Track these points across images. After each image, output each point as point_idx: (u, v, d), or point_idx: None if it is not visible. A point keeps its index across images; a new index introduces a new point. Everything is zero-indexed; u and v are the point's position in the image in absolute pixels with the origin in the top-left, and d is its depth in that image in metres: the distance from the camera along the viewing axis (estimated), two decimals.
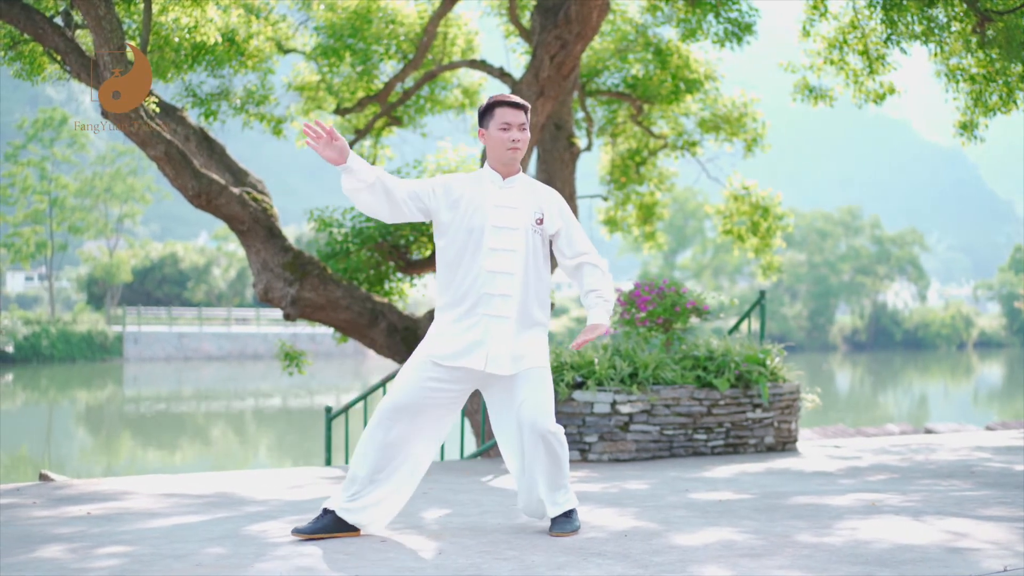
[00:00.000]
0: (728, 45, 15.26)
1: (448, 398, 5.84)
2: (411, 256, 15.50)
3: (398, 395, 5.78)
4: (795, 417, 10.79)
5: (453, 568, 5.17)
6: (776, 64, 15.03)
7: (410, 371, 5.83)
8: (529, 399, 5.70)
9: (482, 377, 5.79)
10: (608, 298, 5.94)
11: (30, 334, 59.70)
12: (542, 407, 5.71)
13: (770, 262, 17.56)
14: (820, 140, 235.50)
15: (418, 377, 5.79)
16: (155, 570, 5.16)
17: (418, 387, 5.77)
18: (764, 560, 5.29)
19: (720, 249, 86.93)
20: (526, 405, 5.69)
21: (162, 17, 13.70)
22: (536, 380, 5.76)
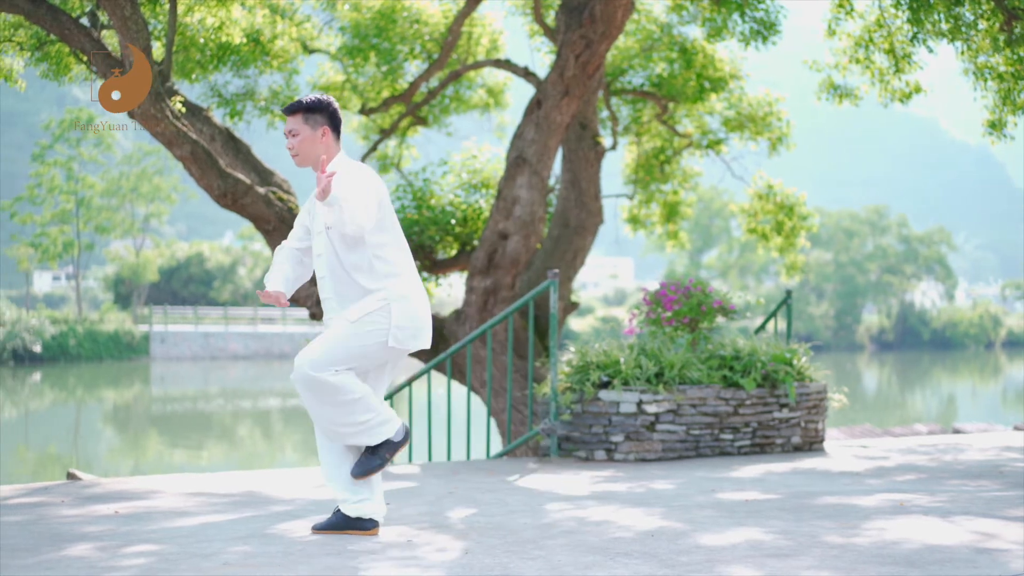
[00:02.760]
0: (753, 44, 15.21)
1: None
2: (436, 256, 15.51)
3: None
4: (822, 417, 10.75)
5: (479, 568, 5.17)
6: (801, 63, 14.97)
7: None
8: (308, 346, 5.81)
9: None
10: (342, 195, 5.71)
11: (57, 333, 59.96)
12: (307, 350, 5.71)
13: (794, 261, 17.51)
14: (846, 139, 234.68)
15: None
16: (182, 569, 5.17)
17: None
18: (791, 560, 5.27)
19: (746, 248, 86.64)
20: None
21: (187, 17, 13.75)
22: (328, 331, 5.80)
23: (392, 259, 5.81)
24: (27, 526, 6.41)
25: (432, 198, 15.84)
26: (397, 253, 5.86)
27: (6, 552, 5.59)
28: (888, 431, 18.81)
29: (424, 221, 15.29)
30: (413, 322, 5.80)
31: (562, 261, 14.38)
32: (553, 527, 6.26)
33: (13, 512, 6.96)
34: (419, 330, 5.84)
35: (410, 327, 5.79)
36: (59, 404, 43.00)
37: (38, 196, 65.10)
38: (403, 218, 15.44)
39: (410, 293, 5.82)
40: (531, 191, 13.30)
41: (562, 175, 15.08)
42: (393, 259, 5.82)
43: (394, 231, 5.88)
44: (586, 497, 7.52)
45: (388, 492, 7.86)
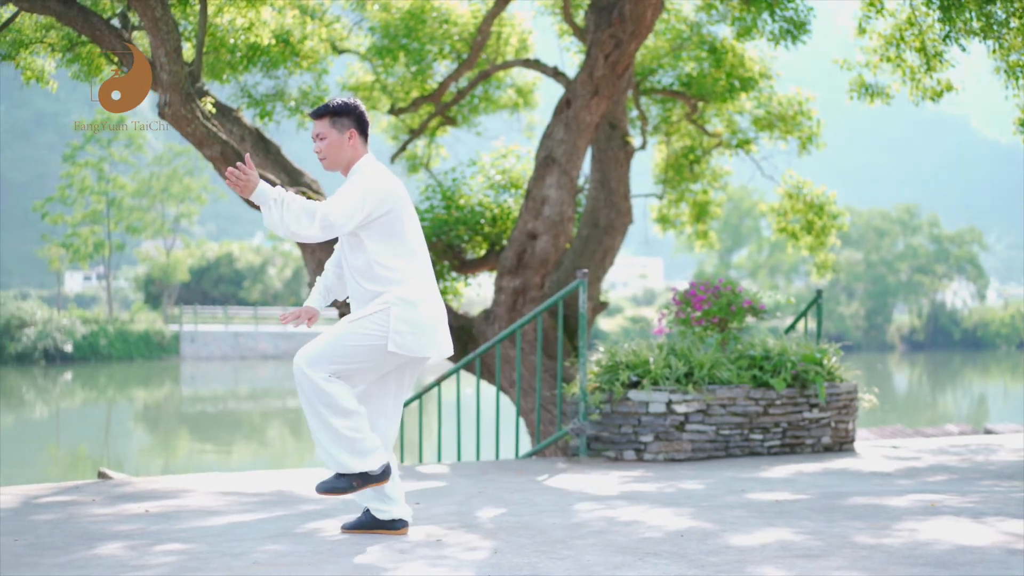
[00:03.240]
0: (783, 43, 15.16)
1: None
2: (465, 256, 15.51)
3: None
4: (852, 417, 10.71)
5: (508, 567, 5.17)
6: (832, 61, 14.91)
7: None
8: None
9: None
10: (287, 198, 5.59)
11: (88, 333, 60.27)
12: (305, 346, 5.67)
13: (824, 260, 17.44)
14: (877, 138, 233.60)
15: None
16: (212, 567, 5.19)
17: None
18: (821, 561, 5.25)
19: (776, 248, 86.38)
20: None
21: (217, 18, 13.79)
22: (329, 329, 5.77)
23: (394, 265, 5.73)
24: (59, 525, 6.44)
25: (461, 198, 15.85)
26: (401, 260, 5.76)
27: (38, 550, 5.63)
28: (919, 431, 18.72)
29: (453, 221, 15.29)
30: (414, 327, 5.68)
31: (591, 261, 14.37)
32: (582, 527, 6.25)
33: (45, 511, 7.00)
34: (421, 336, 5.71)
35: (409, 332, 5.66)
36: (90, 403, 43.22)
37: (69, 196, 65.47)
38: (432, 218, 15.45)
39: (415, 299, 5.72)
40: (560, 191, 13.29)
41: (591, 175, 15.07)
42: (395, 265, 5.73)
43: (401, 237, 5.78)
44: (615, 497, 7.51)
45: (417, 492, 7.87)
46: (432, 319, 5.78)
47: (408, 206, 5.84)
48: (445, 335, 5.88)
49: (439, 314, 5.85)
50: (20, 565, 5.26)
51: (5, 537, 6.00)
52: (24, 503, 7.36)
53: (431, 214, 15.57)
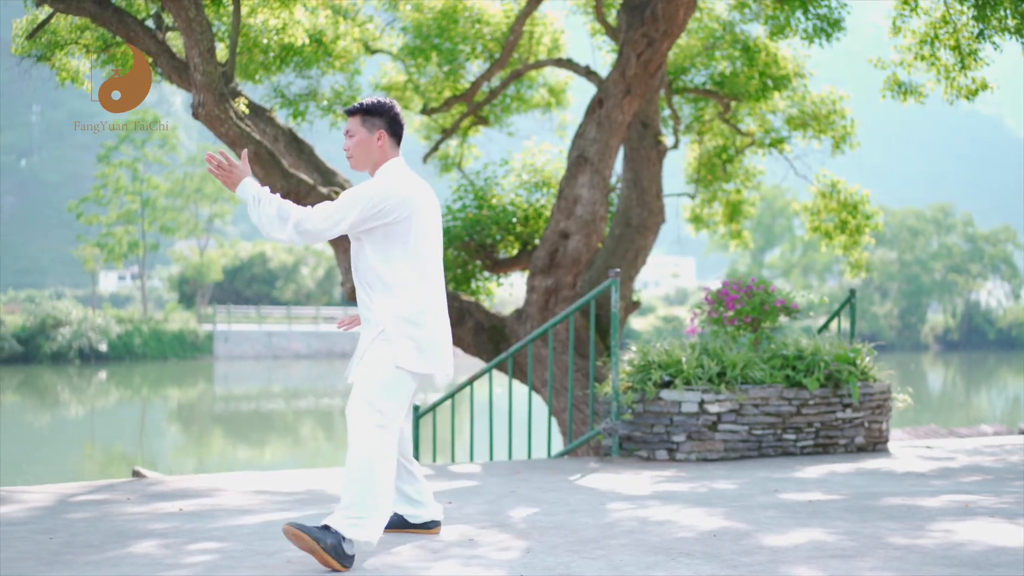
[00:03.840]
0: (817, 41, 15.10)
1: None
2: (498, 255, 15.52)
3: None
4: (886, 417, 10.66)
5: (541, 567, 5.17)
6: (866, 60, 14.83)
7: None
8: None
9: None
10: (265, 198, 5.46)
11: (123, 333, 60.61)
12: (353, 393, 5.47)
13: (858, 260, 17.36)
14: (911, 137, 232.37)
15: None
16: (246, 566, 5.21)
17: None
18: (855, 561, 5.23)
19: (809, 247, 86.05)
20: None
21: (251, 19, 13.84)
22: (362, 371, 5.52)
23: (394, 275, 5.54)
24: (94, 523, 6.48)
25: (493, 197, 15.86)
26: (404, 270, 5.56)
27: (73, 548, 5.66)
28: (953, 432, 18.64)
29: (485, 220, 15.30)
30: (418, 344, 5.49)
31: (623, 260, 14.35)
32: (615, 527, 6.25)
33: (80, 509, 7.04)
34: (428, 353, 5.54)
35: (414, 349, 5.48)
36: (124, 402, 43.46)
37: (104, 197, 65.85)
38: (464, 217, 15.47)
39: (415, 314, 5.52)
40: (592, 190, 13.28)
41: (624, 174, 15.05)
42: (396, 276, 5.54)
43: (407, 247, 5.56)
44: (648, 497, 7.50)
45: (450, 491, 7.88)
46: (435, 336, 5.61)
47: (425, 216, 5.65)
48: (449, 354, 5.72)
49: (443, 332, 5.69)
50: (55, 563, 5.30)
51: (41, 535, 6.05)
52: (59, 501, 7.41)
53: (463, 213, 15.59)
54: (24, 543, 5.81)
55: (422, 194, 5.68)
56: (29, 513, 6.87)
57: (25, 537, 5.98)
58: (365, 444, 5.33)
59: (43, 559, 5.39)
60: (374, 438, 5.34)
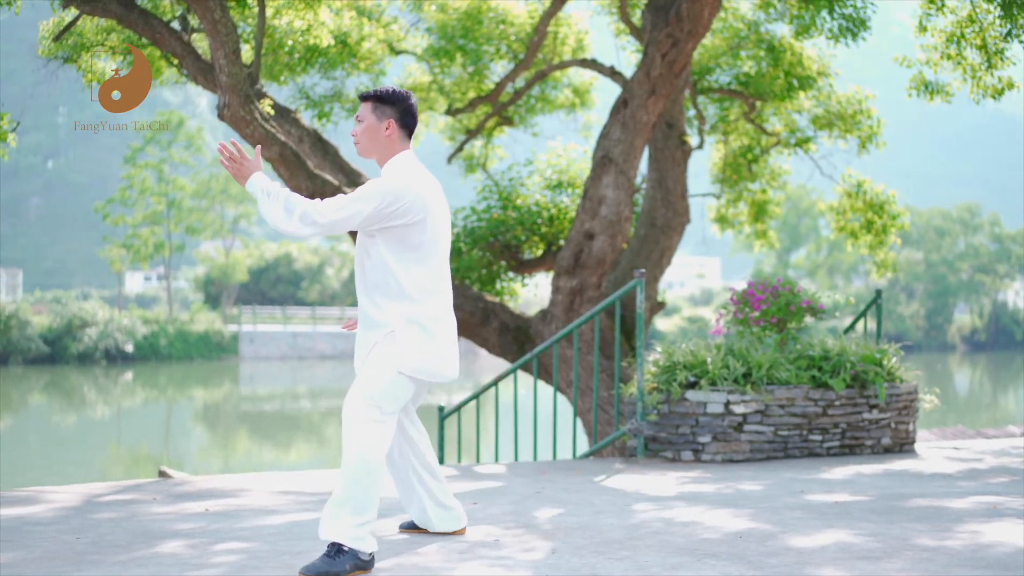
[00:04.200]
0: (842, 41, 15.04)
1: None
2: (522, 255, 15.52)
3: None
4: (913, 418, 10.61)
5: (566, 568, 5.17)
6: (891, 59, 14.77)
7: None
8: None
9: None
10: (273, 191, 5.39)
11: (149, 333, 60.90)
12: (348, 394, 5.39)
13: (884, 260, 17.29)
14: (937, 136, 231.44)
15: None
16: (272, 566, 5.22)
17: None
18: (882, 563, 5.20)
19: (835, 247, 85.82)
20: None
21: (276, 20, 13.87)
22: (365, 369, 5.45)
23: (408, 279, 5.45)
24: (120, 523, 6.50)
25: (518, 198, 15.86)
26: (416, 274, 5.47)
27: (100, 548, 5.68)
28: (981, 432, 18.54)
29: (510, 221, 15.31)
30: (427, 350, 5.43)
31: (648, 261, 14.33)
32: (640, 528, 6.24)
33: (107, 509, 7.07)
34: (436, 359, 5.48)
35: (423, 355, 5.42)
36: (150, 403, 43.63)
37: (130, 198, 66.18)
38: (489, 218, 15.47)
39: (426, 319, 5.45)
40: (617, 191, 13.27)
41: (648, 174, 15.03)
42: (409, 279, 5.45)
43: (420, 249, 5.48)
44: (673, 498, 7.49)
45: (475, 492, 7.88)
46: (445, 341, 5.53)
47: (438, 215, 5.55)
48: (456, 358, 5.63)
49: (452, 336, 5.60)
50: (83, 563, 5.32)
51: (68, 535, 6.07)
52: (86, 501, 7.44)
53: (488, 214, 15.59)
54: (51, 543, 5.84)
55: (434, 192, 5.57)
56: (56, 513, 6.90)
57: (53, 537, 6.01)
58: (362, 440, 5.27)
59: (70, 559, 5.41)
60: (371, 434, 5.29)
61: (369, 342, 5.48)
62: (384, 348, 5.40)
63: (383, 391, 5.33)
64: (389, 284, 5.45)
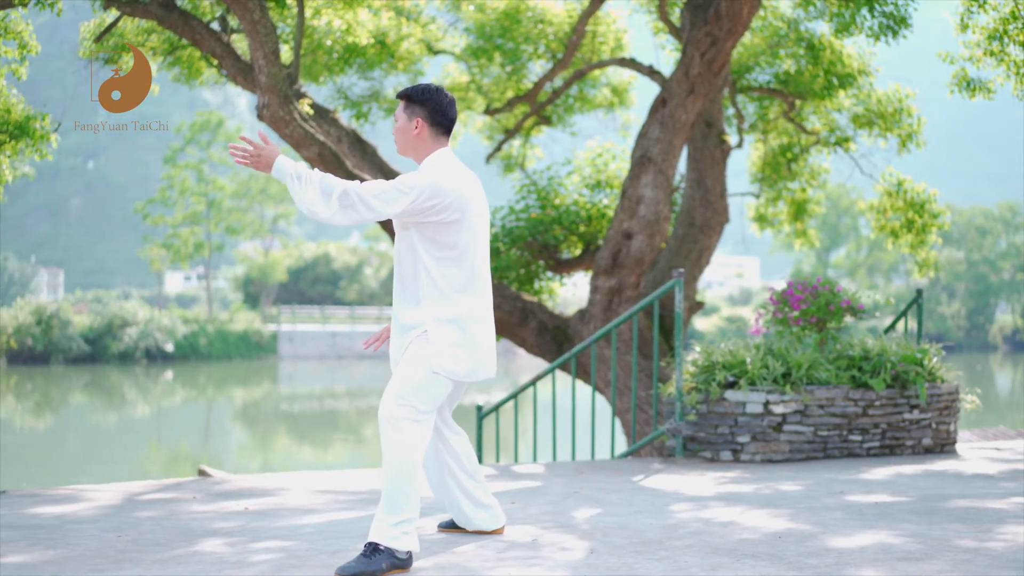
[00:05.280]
0: (883, 39, 14.95)
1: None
2: (561, 255, 15.51)
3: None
4: (954, 418, 10.54)
5: (604, 568, 5.16)
6: (932, 56, 14.67)
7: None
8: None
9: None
10: (304, 174, 5.26)
11: (189, 333, 61.25)
12: (387, 390, 5.35)
13: (925, 259, 17.18)
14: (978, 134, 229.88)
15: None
16: (311, 565, 5.23)
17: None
18: (923, 564, 5.17)
19: (875, 247, 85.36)
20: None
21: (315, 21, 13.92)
22: (399, 369, 5.42)
23: (445, 277, 5.41)
24: (160, 521, 6.53)
25: (556, 197, 15.86)
26: (453, 273, 5.43)
27: (141, 547, 5.71)
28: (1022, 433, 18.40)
29: (548, 221, 15.30)
30: (460, 349, 5.39)
31: (687, 260, 14.30)
32: (679, 528, 6.22)
33: (147, 508, 7.11)
34: (469, 358, 5.43)
35: (455, 354, 5.38)
36: (190, 402, 43.86)
37: (170, 198, 66.59)
38: (528, 218, 15.47)
39: (461, 318, 5.41)
40: (656, 190, 13.24)
41: (687, 174, 14.99)
42: (446, 278, 5.41)
43: (457, 248, 5.42)
44: (712, 498, 7.46)
45: (513, 491, 7.88)
46: (479, 342, 5.48)
47: (476, 214, 5.49)
48: (492, 356, 5.59)
49: (488, 336, 5.54)
50: (123, 561, 5.35)
51: (109, 533, 6.10)
52: (127, 500, 7.48)
53: (526, 214, 15.59)
54: (93, 541, 5.87)
55: (473, 190, 5.51)
56: (98, 511, 6.94)
57: (94, 535, 6.05)
58: (398, 440, 5.26)
59: (111, 557, 5.44)
60: (407, 433, 5.27)
61: (404, 342, 5.47)
62: (418, 347, 5.38)
63: (417, 390, 5.31)
64: (424, 283, 5.43)
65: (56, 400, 42.07)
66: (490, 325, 5.57)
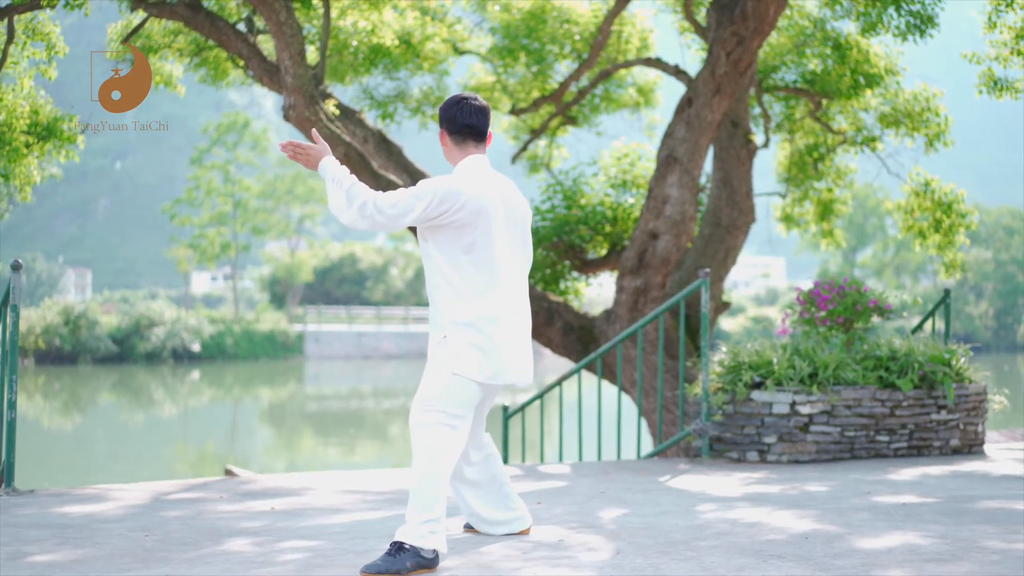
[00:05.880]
0: (910, 38, 14.88)
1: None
2: (587, 255, 15.50)
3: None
4: (982, 419, 10.49)
5: (630, 568, 5.15)
6: (959, 55, 14.59)
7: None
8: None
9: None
10: (339, 178, 5.45)
11: (215, 333, 61.44)
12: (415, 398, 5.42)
13: (953, 259, 17.09)
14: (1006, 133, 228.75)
15: None
16: (337, 564, 5.24)
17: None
18: (951, 566, 5.14)
19: (902, 247, 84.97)
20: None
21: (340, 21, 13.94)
22: (424, 376, 5.47)
23: (461, 281, 5.43)
24: (187, 521, 6.56)
25: (582, 197, 15.84)
26: (470, 276, 5.44)
27: (168, 546, 5.73)
28: None
29: (574, 220, 15.29)
30: (479, 350, 5.37)
31: (713, 260, 14.27)
32: (705, 528, 6.21)
33: (174, 507, 7.13)
34: (488, 360, 5.39)
35: (474, 356, 5.36)
36: (216, 402, 44.00)
37: (196, 199, 66.86)
38: (553, 218, 15.47)
39: (480, 320, 5.40)
40: (682, 190, 13.21)
41: (713, 173, 14.96)
42: (463, 281, 5.43)
43: (474, 252, 5.43)
44: (738, 498, 7.45)
45: (539, 491, 7.88)
46: (504, 343, 5.46)
47: (498, 218, 5.50)
48: (519, 360, 5.55)
49: (512, 337, 5.51)
50: (151, 560, 5.37)
51: (136, 533, 6.13)
52: (154, 499, 7.51)
53: (552, 214, 15.59)
54: (120, 540, 5.90)
55: (495, 195, 5.52)
56: (125, 511, 6.97)
57: (122, 535, 6.07)
58: (424, 444, 5.30)
59: (138, 556, 5.46)
60: (433, 437, 5.30)
61: (430, 346, 5.53)
62: (439, 352, 5.43)
63: (441, 395, 5.34)
64: (442, 286, 5.48)
65: (84, 400, 42.26)
66: (515, 328, 5.55)
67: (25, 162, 11.69)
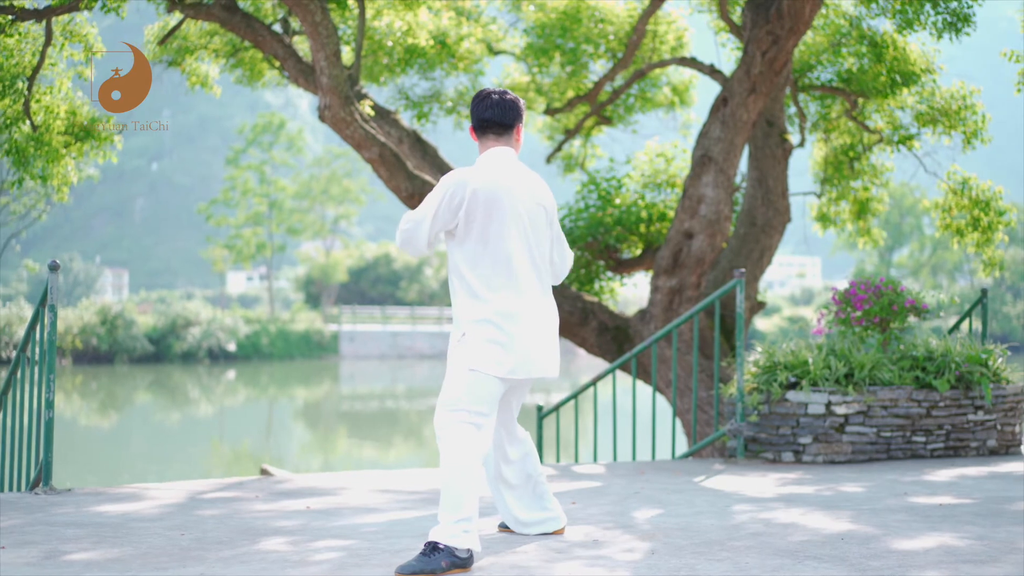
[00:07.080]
0: (947, 35, 14.79)
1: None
2: (621, 255, 15.48)
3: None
4: (1020, 420, 10.42)
5: (665, 568, 5.14)
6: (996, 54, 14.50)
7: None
8: None
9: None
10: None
11: (251, 333, 61.68)
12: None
13: (991, 258, 16.96)
14: None
15: None
16: (372, 564, 5.25)
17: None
18: (988, 567, 5.11)
19: (939, 246, 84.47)
20: None
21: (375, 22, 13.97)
22: (446, 375, 5.50)
23: (474, 276, 5.45)
24: (223, 520, 6.59)
25: (617, 197, 15.82)
26: (481, 272, 5.46)
27: (204, 545, 5.76)
28: None
29: (609, 220, 15.27)
30: (494, 345, 5.37)
31: (748, 260, 14.22)
32: (740, 529, 6.19)
33: (210, 506, 7.17)
34: (505, 353, 5.38)
35: (483, 352, 5.36)
36: (252, 401, 44.18)
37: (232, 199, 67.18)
38: (588, 217, 15.46)
39: (495, 315, 5.39)
40: (717, 189, 13.18)
41: (748, 173, 14.91)
42: (476, 276, 5.45)
43: (483, 244, 5.45)
44: (773, 499, 7.42)
45: (573, 491, 7.87)
46: (522, 338, 5.44)
47: (510, 211, 5.48)
48: (541, 353, 5.53)
49: (531, 331, 5.49)
50: (187, 559, 5.39)
51: (172, 532, 6.16)
52: (190, 498, 7.54)
53: (587, 213, 15.57)
54: (157, 539, 5.93)
55: (508, 187, 5.51)
56: (161, 510, 7.01)
57: (158, 534, 6.10)
58: (449, 442, 5.31)
59: (175, 555, 5.49)
60: (457, 435, 5.31)
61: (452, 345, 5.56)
62: (456, 350, 5.46)
63: (463, 394, 5.35)
64: (458, 284, 5.54)
65: (120, 399, 42.51)
66: (535, 322, 5.53)
67: (63, 163, 11.78)
